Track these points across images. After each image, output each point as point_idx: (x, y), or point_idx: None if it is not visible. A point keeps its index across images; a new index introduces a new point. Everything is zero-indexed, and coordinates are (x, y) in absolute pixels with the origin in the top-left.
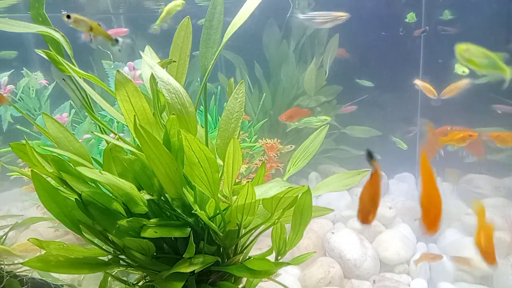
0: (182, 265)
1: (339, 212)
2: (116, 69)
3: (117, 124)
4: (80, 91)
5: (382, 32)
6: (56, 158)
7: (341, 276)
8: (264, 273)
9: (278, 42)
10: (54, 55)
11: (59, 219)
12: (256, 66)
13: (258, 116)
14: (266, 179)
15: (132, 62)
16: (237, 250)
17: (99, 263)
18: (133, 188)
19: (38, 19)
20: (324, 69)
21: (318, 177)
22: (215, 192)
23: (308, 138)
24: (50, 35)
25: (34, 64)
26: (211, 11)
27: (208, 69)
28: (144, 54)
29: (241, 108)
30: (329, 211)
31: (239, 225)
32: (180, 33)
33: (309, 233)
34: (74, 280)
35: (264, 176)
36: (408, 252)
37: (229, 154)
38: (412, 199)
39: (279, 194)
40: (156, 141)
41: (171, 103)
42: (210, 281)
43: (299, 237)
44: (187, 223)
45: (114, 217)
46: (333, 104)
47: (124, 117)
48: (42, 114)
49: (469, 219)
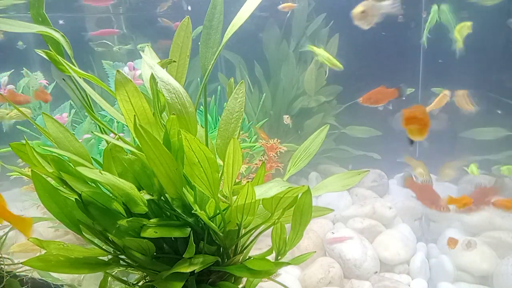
0: (182, 265)
1: (339, 212)
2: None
3: (117, 124)
4: (80, 91)
5: (382, 32)
6: (56, 158)
7: (341, 276)
8: (264, 273)
9: (278, 42)
10: (54, 55)
11: (59, 219)
12: (256, 66)
13: (258, 116)
14: (266, 179)
15: (132, 62)
16: (237, 250)
17: (99, 263)
18: (133, 188)
19: (38, 19)
20: (324, 69)
21: (318, 177)
22: (215, 192)
23: (309, 138)
24: (50, 35)
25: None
26: (211, 11)
27: (208, 69)
28: (144, 54)
29: (241, 108)
30: (329, 211)
31: (239, 225)
32: (180, 33)
33: (309, 233)
34: (74, 280)
35: (264, 176)
36: (408, 252)
37: (229, 154)
38: (412, 199)
39: (279, 194)
40: (156, 141)
41: (171, 103)
42: (210, 281)
43: (299, 237)
44: (187, 223)
45: (114, 217)
46: (333, 104)
47: (124, 117)
48: (42, 114)
49: (469, 219)
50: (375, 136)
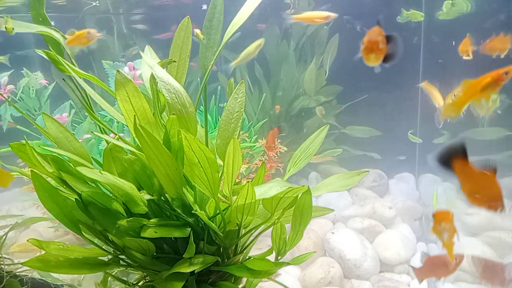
0: (182, 265)
1: (339, 212)
2: (116, 69)
3: (117, 124)
4: (80, 91)
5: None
6: (56, 158)
7: (341, 276)
8: (264, 273)
9: (278, 42)
10: (54, 55)
11: (59, 219)
12: (256, 66)
13: (258, 116)
14: (266, 179)
15: (132, 62)
16: (237, 250)
17: (99, 263)
18: (133, 188)
19: (38, 19)
20: (324, 69)
21: (318, 177)
22: (215, 192)
23: (309, 138)
24: (50, 35)
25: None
26: (211, 11)
27: (208, 69)
28: (144, 54)
29: (241, 108)
30: (329, 211)
31: (239, 225)
32: (180, 33)
33: (309, 233)
34: (74, 280)
35: (264, 176)
36: (408, 252)
37: (229, 154)
38: (412, 199)
39: (279, 194)
40: (156, 141)
41: (171, 103)
42: (210, 281)
43: (299, 237)
44: (187, 223)
45: (114, 217)
46: (333, 104)
47: (124, 117)
48: (42, 114)
49: (469, 219)
50: (375, 136)
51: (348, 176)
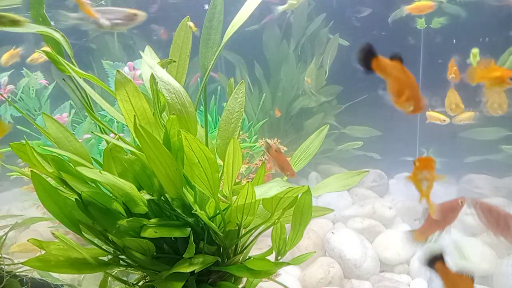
0: (182, 265)
1: (339, 212)
2: (116, 69)
3: (117, 124)
4: (80, 91)
5: (382, 32)
6: (56, 158)
7: (341, 276)
8: (264, 273)
9: (278, 42)
10: (54, 55)
11: (59, 219)
12: (256, 66)
13: (258, 116)
14: (266, 179)
15: (132, 62)
16: (237, 250)
17: (99, 263)
18: (133, 188)
19: (38, 19)
20: (324, 69)
21: (318, 177)
22: (215, 192)
23: (309, 138)
24: (50, 35)
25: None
26: (211, 11)
27: (208, 69)
28: (144, 54)
29: (241, 108)
30: (329, 211)
31: (239, 225)
32: (180, 33)
33: (309, 233)
34: (74, 280)
35: (264, 176)
36: (408, 252)
37: (229, 154)
38: (412, 199)
39: (279, 194)
40: (156, 141)
41: (171, 103)
42: (210, 281)
43: (299, 237)
44: (187, 223)
45: (114, 217)
46: (333, 104)
47: (124, 117)
48: (42, 114)
49: (469, 219)
50: (375, 136)
51: (348, 176)
